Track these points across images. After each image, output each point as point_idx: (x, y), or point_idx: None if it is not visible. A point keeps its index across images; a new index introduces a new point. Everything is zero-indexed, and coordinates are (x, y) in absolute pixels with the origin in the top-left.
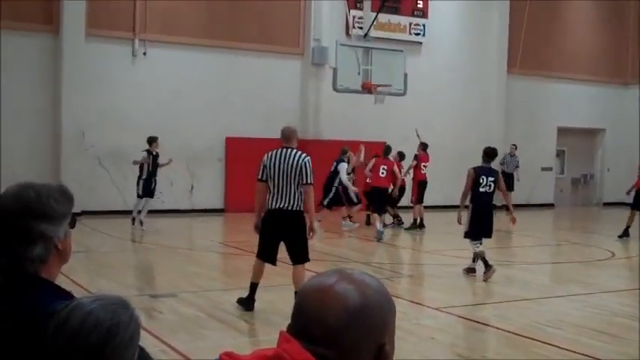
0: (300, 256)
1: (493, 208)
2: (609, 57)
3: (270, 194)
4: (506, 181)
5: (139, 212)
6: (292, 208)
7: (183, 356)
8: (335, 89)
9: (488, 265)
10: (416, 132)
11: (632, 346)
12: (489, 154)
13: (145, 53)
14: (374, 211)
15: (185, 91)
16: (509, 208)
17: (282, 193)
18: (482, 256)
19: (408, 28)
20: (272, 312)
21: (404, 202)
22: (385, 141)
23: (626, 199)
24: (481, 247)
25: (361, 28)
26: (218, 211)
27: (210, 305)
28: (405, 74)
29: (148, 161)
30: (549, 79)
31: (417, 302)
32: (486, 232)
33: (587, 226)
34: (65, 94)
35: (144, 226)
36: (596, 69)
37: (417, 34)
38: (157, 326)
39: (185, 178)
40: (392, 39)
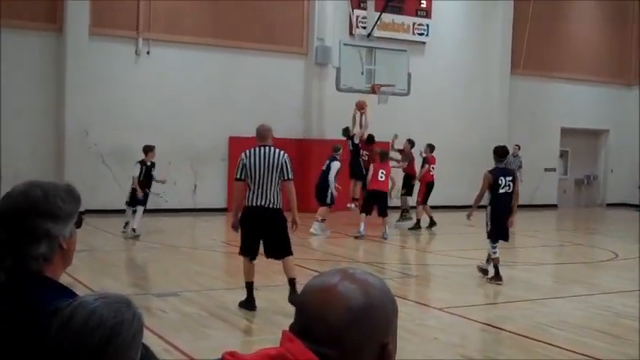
0: (286, 251)
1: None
2: (613, 58)
3: (250, 192)
4: None
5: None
6: (273, 206)
7: (186, 355)
8: (338, 89)
9: (499, 276)
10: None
11: (636, 347)
12: (500, 154)
13: (149, 52)
14: (379, 215)
15: (188, 90)
16: (512, 210)
17: (263, 191)
18: (497, 264)
19: (411, 28)
20: (275, 311)
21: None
22: (389, 141)
23: (630, 200)
24: (498, 253)
25: (365, 27)
26: (221, 210)
27: (213, 304)
28: (408, 74)
29: (140, 173)
30: (553, 79)
31: (420, 302)
32: (504, 235)
33: (591, 226)
34: (68, 92)
35: (137, 232)
36: (600, 70)
37: (421, 34)
38: (160, 325)
39: (188, 178)
40: (395, 39)
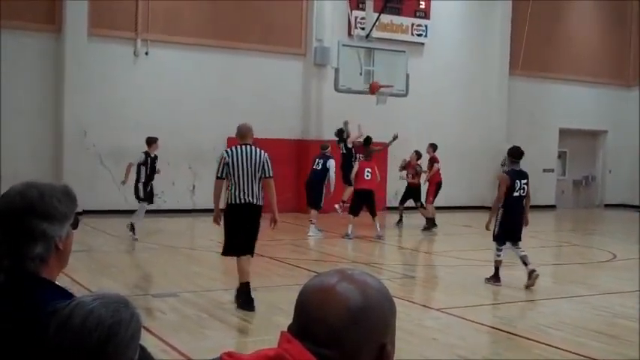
0: (251, 248)
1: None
2: (611, 59)
3: (234, 189)
4: None
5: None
6: (256, 202)
7: (184, 356)
8: (337, 89)
9: (498, 277)
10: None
11: (634, 347)
12: (516, 155)
13: (147, 53)
14: (370, 214)
15: (187, 91)
16: (526, 209)
17: (246, 188)
18: (498, 266)
19: (410, 28)
20: (273, 312)
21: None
22: (386, 141)
23: (628, 200)
24: (502, 256)
25: (363, 28)
26: (220, 210)
27: (211, 305)
28: (407, 75)
29: (146, 164)
30: (551, 80)
31: (418, 303)
32: (516, 236)
33: (589, 227)
34: (67, 93)
35: (136, 234)
36: (598, 71)
37: (419, 35)
38: (159, 326)
39: (187, 178)
40: (394, 39)
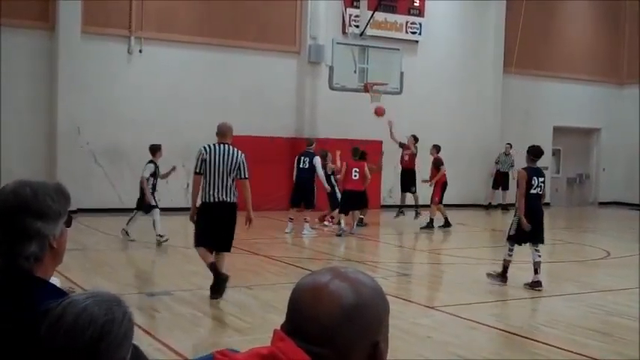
0: (228, 245)
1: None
2: (605, 57)
3: (208, 187)
4: (501, 181)
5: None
6: (231, 200)
7: (178, 355)
8: (331, 87)
9: (506, 277)
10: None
11: (628, 345)
12: (536, 153)
13: (141, 51)
14: (360, 210)
15: (181, 88)
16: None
17: (221, 187)
18: (508, 265)
19: (404, 26)
20: (267, 310)
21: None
22: (382, 140)
23: (622, 198)
24: (513, 256)
25: (357, 26)
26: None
27: (206, 304)
28: (401, 73)
29: (155, 174)
30: (545, 78)
31: (413, 301)
32: (537, 236)
33: (583, 225)
34: (61, 91)
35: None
36: (592, 69)
37: (414, 33)
38: (153, 324)
39: (181, 176)
40: (388, 37)
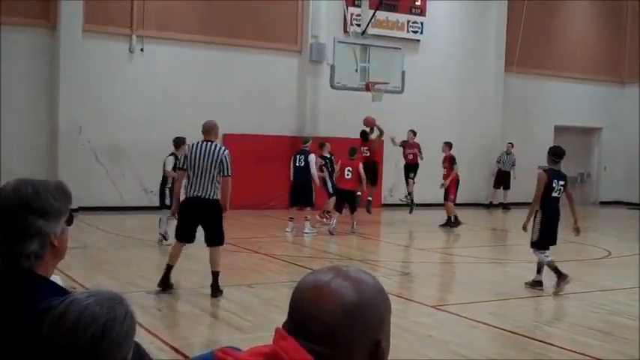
0: (217, 240)
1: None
2: (606, 56)
3: (188, 183)
4: (502, 180)
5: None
6: (210, 197)
7: (179, 353)
8: (332, 86)
9: (562, 273)
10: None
11: (629, 344)
12: (557, 154)
13: (142, 50)
14: (350, 211)
15: (182, 87)
16: (575, 217)
17: (201, 183)
18: (554, 265)
19: (405, 25)
20: (268, 309)
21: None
22: (383, 138)
23: (623, 197)
24: (550, 256)
25: (359, 25)
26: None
27: (207, 302)
28: (402, 72)
29: (175, 169)
30: (546, 77)
31: (414, 300)
32: (553, 239)
33: (584, 224)
34: (62, 90)
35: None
36: (594, 68)
37: (415, 32)
38: (153, 322)
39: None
40: (390, 36)
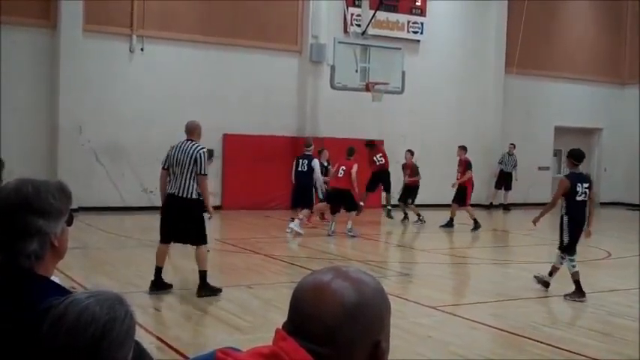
0: (198, 239)
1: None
2: (607, 57)
3: (170, 181)
4: (504, 181)
5: None
6: (186, 196)
7: (179, 353)
8: (333, 87)
9: (582, 290)
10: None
11: (629, 346)
12: (578, 157)
13: (143, 49)
14: (347, 211)
15: (182, 87)
16: (590, 220)
17: (178, 181)
18: (578, 278)
19: (406, 26)
20: (268, 309)
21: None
22: (383, 139)
23: (623, 199)
24: (578, 266)
25: (359, 25)
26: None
27: (206, 302)
28: (402, 72)
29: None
30: (547, 78)
31: (413, 301)
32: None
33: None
34: (62, 89)
35: None
36: (594, 69)
37: (415, 33)
38: (154, 323)
39: None
40: (390, 37)
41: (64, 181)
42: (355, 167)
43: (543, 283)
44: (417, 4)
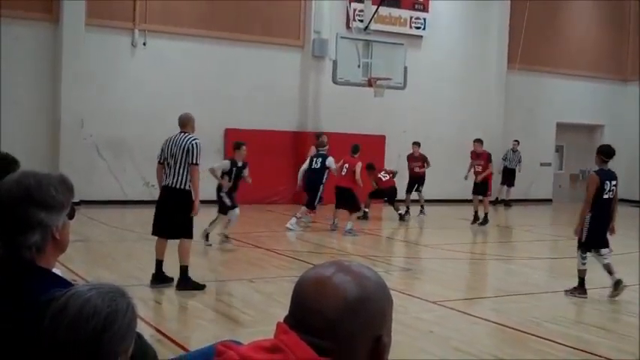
0: (181, 231)
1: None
2: (609, 53)
3: (165, 174)
4: (508, 177)
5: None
6: (178, 187)
7: (180, 346)
8: (335, 82)
9: (584, 288)
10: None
11: (630, 342)
12: (608, 154)
13: (145, 43)
14: (349, 211)
15: (184, 81)
16: (613, 216)
17: (171, 172)
18: (584, 276)
19: (408, 21)
20: (270, 303)
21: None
22: (385, 134)
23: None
24: (587, 264)
25: (362, 20)
26: (216, 202)
27: (207, 296)
28: (405, 68)
29: (230, 173)
30: (549, 74)
31: (415, 296)
32: (602, 242)
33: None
34: (64, 83)
35: (210, 241)
36: (596, 65)
37: (418, 28)
38: (155, 316)
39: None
40: (392, 32)
41: (66, 175)
42: (359, 165)
43: (617, 284)
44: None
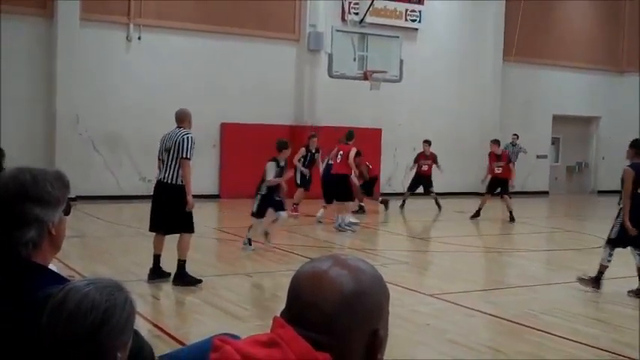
0: (183, 227)
1: None
2: (605, 45)
3: (159, 168)
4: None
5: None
6: (171, 182)
7: (177, 341)
8: (330, 75)
9: (599, 282)
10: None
11: (627, 333)
12: None
13: (140, 38)
14: (341, 200)
15: (179, 76)
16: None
17: (165, 168)
18: (604, 271)
19: (404, 14)
20: (267, 298)
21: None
22: (381, 128)
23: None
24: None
25: (357, 13)
26: (213, 197)
27: (205, 291)
28: (400, 60)
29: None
30: (545, 66)
31: (412, 289)
32: (634, 240)
33: (582, 213)
34: (59, 78)
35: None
36: (592, 57)
37: (413, 21)
38: (152, 311)
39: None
40: (388, 25)
41: (62, 170)
42: (353, 151)
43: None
44: None
